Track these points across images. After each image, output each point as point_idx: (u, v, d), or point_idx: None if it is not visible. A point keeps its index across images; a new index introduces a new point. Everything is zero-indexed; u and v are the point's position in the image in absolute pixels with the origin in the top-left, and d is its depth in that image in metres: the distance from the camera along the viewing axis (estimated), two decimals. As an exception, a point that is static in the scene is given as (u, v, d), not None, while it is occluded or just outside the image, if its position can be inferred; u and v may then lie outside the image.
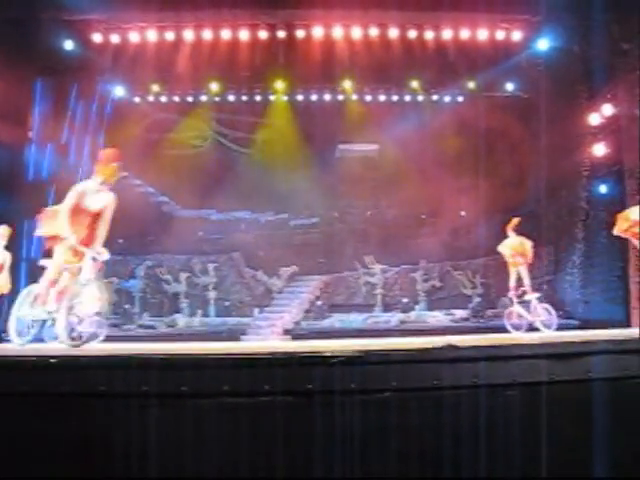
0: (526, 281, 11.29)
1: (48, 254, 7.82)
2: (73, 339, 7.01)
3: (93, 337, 7.83)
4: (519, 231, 11.66)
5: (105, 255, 7.45)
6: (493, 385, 4.04)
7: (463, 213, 17.52)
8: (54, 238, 7.44)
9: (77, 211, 7.37)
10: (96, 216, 7.52)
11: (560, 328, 11.45)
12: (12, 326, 7.30)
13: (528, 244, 11.51)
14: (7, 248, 10.01)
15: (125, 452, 3.80)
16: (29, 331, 7.44)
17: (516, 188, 16.24)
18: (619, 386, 4.12)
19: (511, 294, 11.45)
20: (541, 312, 11.09)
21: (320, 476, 3.84)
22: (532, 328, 11.11)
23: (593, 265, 13.96)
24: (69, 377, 3.99)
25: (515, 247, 11.44)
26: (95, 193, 7.53)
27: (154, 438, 3.82)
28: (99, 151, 7.59)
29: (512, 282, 11.37)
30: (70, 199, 7.40)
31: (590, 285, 14.07)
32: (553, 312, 11.11)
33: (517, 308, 11.31)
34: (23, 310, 7.46)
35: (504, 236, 12.09)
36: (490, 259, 16.65)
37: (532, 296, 11.24)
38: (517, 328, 11.18)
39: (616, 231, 10.12)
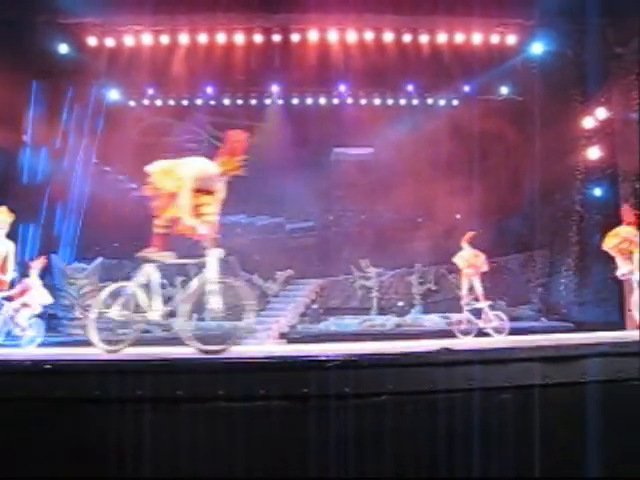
0: (478, 290, 11.90)
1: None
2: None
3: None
4: (474, 244, 12.20)
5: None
6: (488, 388, 4.04)
7: (458, 216, 17.54)
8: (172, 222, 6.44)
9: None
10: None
11: (555, 330, 11.50)
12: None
13: (482, 257, 12.09)
14: (9, 236, 9.86)
15: (120, 457, 3.79)
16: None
17: (511, 191, 16.28)
18: (614, 388, 4.13)
19: (463, 302, 12.04)
20: (493, 318, 11.76)
21: (316, 480, 3.84)
22: (483, 333, 11.69)
23: (588, 268, 14.00)
24: (64, 382, 3.98)
25: (469, 259, 12.04)
26: (210, 180, 6.74)
27: (149, 443, 3.81)
28: (228, 134, 6.49)
29: (464, 291, 12.04)
30: (190, 180, 6.43)
31: (585, 287, 14.12)
32: (505, 318, 11.76)
33: (466, 315, 11.96)
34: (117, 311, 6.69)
35: (500, 239, 12.25)
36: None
37: (484, 304, 11.89)
38: (466, 333, 11.72)
39: (605, 247, 10.20)
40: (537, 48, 14.33)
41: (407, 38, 14.00)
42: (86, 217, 16.42)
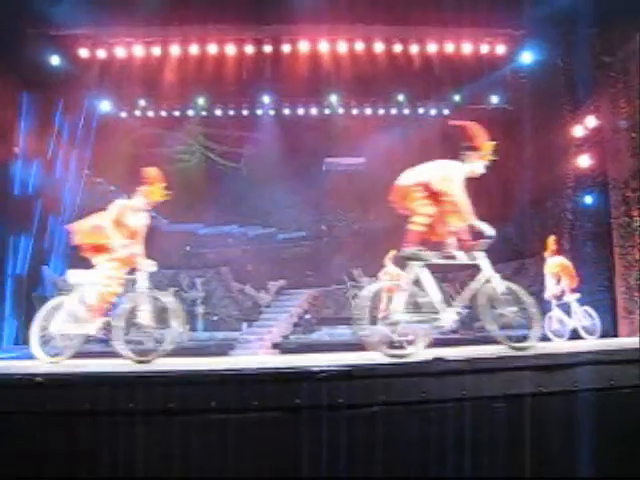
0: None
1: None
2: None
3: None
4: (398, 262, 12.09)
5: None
6: (481, 397, 4.04)
7: (450, 225, 17.56)
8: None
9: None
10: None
11: (547, 339, 11.48)
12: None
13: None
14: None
15: (112, 471, 3.77)
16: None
17: (502, 199, 16.33)
18: (607, 396, 4.14)
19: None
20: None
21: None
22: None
23: (579, 276, 14.01)
24: (55, 395, 3.95)
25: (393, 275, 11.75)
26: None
27: (141, 456, 3.79)
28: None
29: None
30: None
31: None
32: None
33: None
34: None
35: (491, 247, 12.18)
36: (477, 271, 16.72)
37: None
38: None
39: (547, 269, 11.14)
40: (526, 57, 14.44)
41: (397, 48, 14.07)
42: (78, 229, 16.34)
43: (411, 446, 3.89)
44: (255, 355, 13.39)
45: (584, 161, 13.62)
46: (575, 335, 10.55)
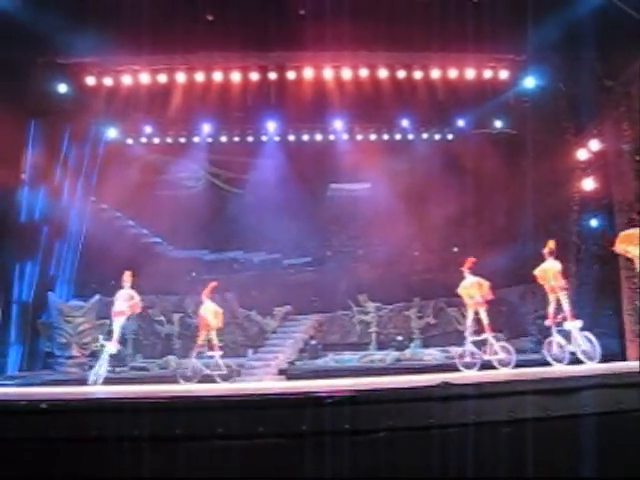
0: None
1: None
2: None
3: None
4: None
5: None
6: (490, 422, 4.00)
7: (455, 249, 17.56)
8: None
9: None
10: None
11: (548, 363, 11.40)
12: None
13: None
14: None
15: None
16: None
17: (508, 223, 16.34)
18: (616, 420, 4.09)
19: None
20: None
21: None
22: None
23: (586, 299, 13.93)
24: (59, 422, 3.93)
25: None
26: None
27: (146, 483, 3.75)
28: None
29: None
30: None
31: (584, 319, 14.00)
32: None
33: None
34: None
35: (498, 271, 12.22)
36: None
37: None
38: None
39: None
40: (529, 82, 14.53)
41: (401, 74, 14.17)
42: (83, 254, 16.41)
43: (421, 473, 3.83)
44: (261, 381, 13.31)
45: (589, 184, 13.63)
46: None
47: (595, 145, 13.21)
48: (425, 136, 17.53)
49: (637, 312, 11.77)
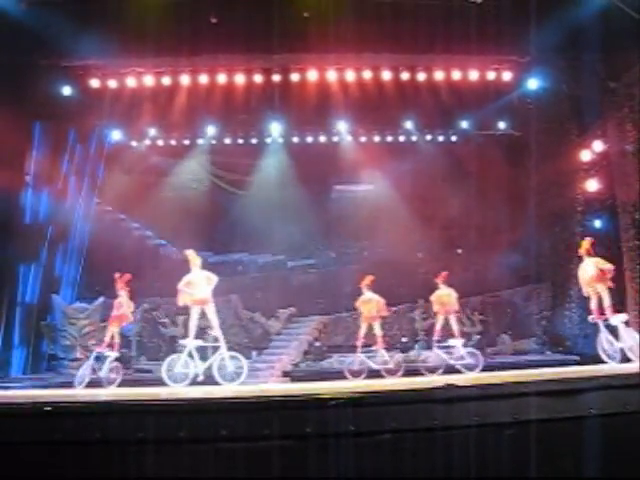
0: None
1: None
2: None
3: None
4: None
5: None
6: (494, 424, 3.99)
7: (460, 251, 17.55)
8: None
9: None
10: None
11: (560, 364, 11.38)
12: None
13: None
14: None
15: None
16: None
17: (512, 225, 16.31)
18: (622, 421, 4.07)
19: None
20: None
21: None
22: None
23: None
24: (63, 424, 3.93)
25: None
26: None
27: (151, 485, 3.76)
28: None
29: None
30: None
31: (588, 320, 13.99)
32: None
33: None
34: None
35: (502, 273, 12.36)
36: (488, 296, 16.64)
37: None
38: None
39: None
40: (533, 84, 14.51)
41: (405, 76, 14.17)
42: (87, 257, 16.44)
43: (425, 472, 3.83)
44: (265, 383, 13.30)
45: (592, 185, 13.62)
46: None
47: (598, 146, 13.19)
48: (429, 138, 17.53)
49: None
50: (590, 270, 10.83)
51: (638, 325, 11.83)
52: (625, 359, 9.98)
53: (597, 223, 13.74)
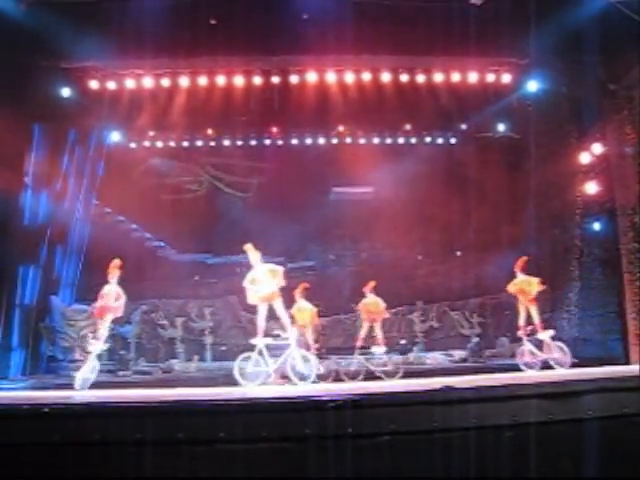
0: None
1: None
2: None
3: None
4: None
5: None
6: (493, 426, 3.99)
7: (458, 253, 17.56)
8: None
9: None
10: None
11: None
12: None
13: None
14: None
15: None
16: None
17: (511, 227, 16.32)
18: (620, 424, 4.07)
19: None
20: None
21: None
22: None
23: (589, 302, 13.92)
24: (62, 426, 3.92)
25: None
26: None
27: (149, 487, 3.75)
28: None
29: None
30: None
31: (587, 322, 14.01)
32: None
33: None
34: None
35: (500, 275, 12.32)
36: (487, 299, 16.64)
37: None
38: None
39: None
40: (532, 86, 14.52)
41: (404, 78, 14.18)
42: (86, 258, 16.42)
43: (424, 474, 3.83)
44: (264, 385, 13.28)
45: (592, 188, 13.62)
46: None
47: (598, 148, 13.20)
48: (428, 140, 17.56)
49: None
50: (523, 285, 11.46)
51: (637, 327, 11.85)
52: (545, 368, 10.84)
53: (596, 225, 13.75)
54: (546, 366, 10.94)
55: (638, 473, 3.94)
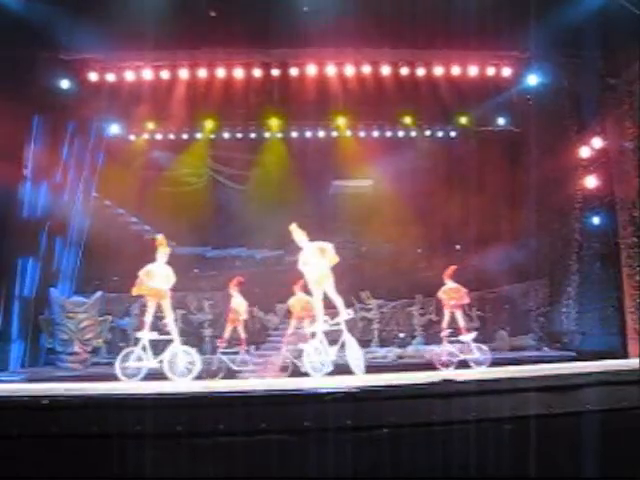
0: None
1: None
2: None
3: None
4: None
5: None
6: (492, 419, 4.00)
7: (458, 247, 17.57)
8: None
9: None
10: None
11: (557, 360, 11.44)
12: None
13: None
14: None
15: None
16: None
17: (510, 221, 16.33)
18: (618, 417, 4.08)
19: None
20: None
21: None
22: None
23: (588, 296, 13.94)
24: (61, 418, 3.93)
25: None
26: None
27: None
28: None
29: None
30: None
31: (586, 316, 14.04)
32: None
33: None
34: None
35: (500, 269, 12.42)
36: (486, 292, 16.66)
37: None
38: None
39: None
40: (532, 80, 14.50)
41: (404, 71, 14.16)
42: (86, 251, 16.42)
43: (423, 466, 3.84)
44: (263, 378, 13.32)
45: (591, 182, 13.62)
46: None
47: (598, 143, 13.19)
48: (428, 133, 17.53)
49: (639, 309, 11.77)
50: (451, 291, 12.28)
51: (635, 321, 11.88)
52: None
53: (595, 219, 13.76)
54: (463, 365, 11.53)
55: (636, 466, 3.95)
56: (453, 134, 17.59)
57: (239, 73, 14.07)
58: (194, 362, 10.14)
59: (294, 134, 17.32)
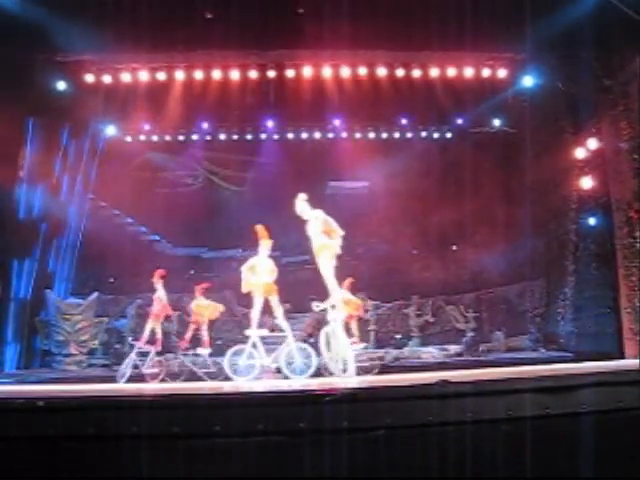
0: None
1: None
2: None
3: None
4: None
5: None
6: (488, 420, 4.00)
7: (454, 248, 17.59)
8: None
9: None
10: None
11: (554, 361, 11.45)
12: None
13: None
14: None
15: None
16: None
17: (506, 222, 16.35)
18: (615, 418, 4.09)
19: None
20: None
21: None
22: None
23: (584, 297, 13.97)
24: (57, 419, 3.92)
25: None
26: None
27: (145, 481, 3.75)
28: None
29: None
30: None
31: (582, 317, 14.07)
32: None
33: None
34: None
35: (496, 270, 12.38)
36: (482, 293, 16.69)
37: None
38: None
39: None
40: (528, 81, 14.52)
41: (400, 73, 14.16)
42: (82, 252, 16.40)
43: (420, 468, 3.84)
44: (259, 379, 13.31)
45: (587, 183, 13.64)
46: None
47: (593, 144, 13.22)
48: (424, 134, 17.56)
49: (635, 310, 11.79)
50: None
51: (631, 322, 11.91)
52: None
53: (591, 220, 13.78)
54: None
55: (634, 466, 3.96)
56: (449, 135, 17.62)
57: (235, 75, 14.05)
58: (310, 357, 9.96)
59: (290, 135, 17.33)
